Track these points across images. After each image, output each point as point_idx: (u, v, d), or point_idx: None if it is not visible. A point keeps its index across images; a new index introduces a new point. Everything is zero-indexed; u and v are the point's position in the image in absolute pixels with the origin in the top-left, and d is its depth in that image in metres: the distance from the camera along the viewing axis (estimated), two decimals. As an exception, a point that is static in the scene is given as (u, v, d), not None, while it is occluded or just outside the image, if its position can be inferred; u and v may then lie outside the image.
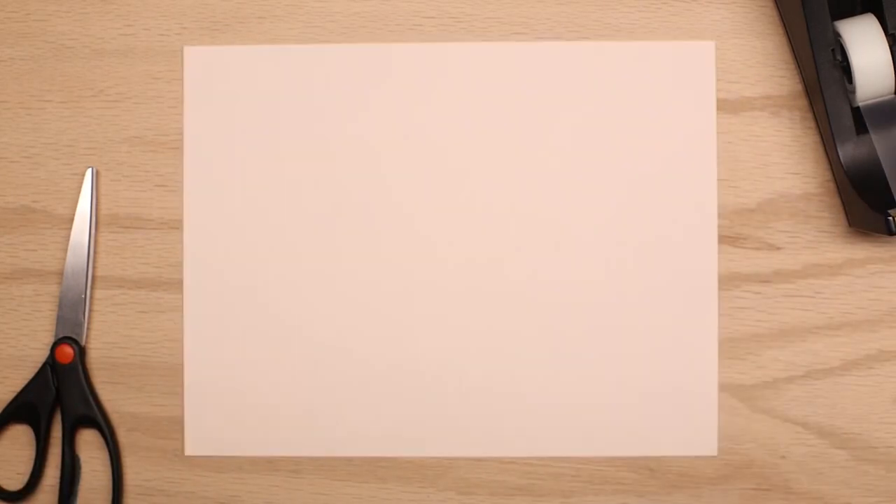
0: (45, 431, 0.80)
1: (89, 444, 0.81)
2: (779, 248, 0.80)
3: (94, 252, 0.80)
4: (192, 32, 0.81)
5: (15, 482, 0.81)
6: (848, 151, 0.76)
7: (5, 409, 0.80)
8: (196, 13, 0.81)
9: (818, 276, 0.80)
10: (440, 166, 0.80)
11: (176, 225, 0.80)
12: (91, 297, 0.80)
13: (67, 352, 0.79)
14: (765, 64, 0.80)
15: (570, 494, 0.80)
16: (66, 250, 0.80)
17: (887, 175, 0.76)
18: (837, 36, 0.76)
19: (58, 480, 0.80)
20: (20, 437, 0.81)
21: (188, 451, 0.80)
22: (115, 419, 0.80)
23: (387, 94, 0.80)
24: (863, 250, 0.80)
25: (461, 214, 0.80)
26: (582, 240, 0.80)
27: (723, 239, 0.80)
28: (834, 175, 0.79)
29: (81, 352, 0.80)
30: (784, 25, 0.79)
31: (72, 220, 0.80)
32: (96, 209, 0.80)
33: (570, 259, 0.80)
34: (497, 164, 0.80)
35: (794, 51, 0.79)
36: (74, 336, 0.80)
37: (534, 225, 0.80)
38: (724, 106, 0.80)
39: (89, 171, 0.80)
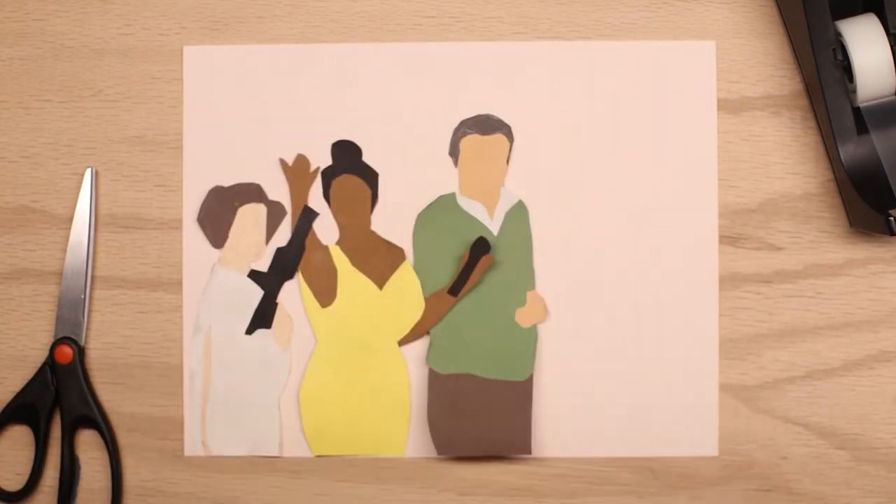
0: (45, 432, 0.80)
1: (89, 445, 0.80)
2: (779, 249, 0.80)
3: (94, 252, 0.80)
4: (191, 32, 0.81)
5: (14, 483, 0.80)
6: (849, 151, 0.76)
7: (5, 410, 0.80)
8: (196, 13, 0.81)
9: (819, 276, 0.80)
10: (440, 165, 0.80)
11: (176, 225, 0.80)
12: (90, 298, 0.80)
13: (67, 352, 0.79)
14: (765, 64, 0.80)
15: (571, 495, 0.80)
16: (65, 250, 0.80)
17: (888, 175, 0.76)
18: (838, 35, 0.76)
19: (57, 481, 0.80)
20: (20, 438, 0.81)
21: (188, 452, 0.80)
22: (115, 419, 0.80)
23: (387, 93, 0.80)
24: (864, 250, 0.80)
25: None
26: (582, 240, 0.80)
27: (723, 239, 0.80)
28: (835, 175, 0.79)
29: (81, 352, 0.80)
30: (785, 25, 0.79)
31: (71, 220, 0.80)
32: (96, 209, 0.80)
33: (569, 259, 0.80)
34: (497, 164, 0.80)
35: (794, 50, 0.79)
36: (74, 336, 0.79)
37: (533, 225, 0.80)
38: (724, 106, 0.80)
39: (88, 170, 0.80)
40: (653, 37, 0.80)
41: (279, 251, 0.80)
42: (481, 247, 0.79)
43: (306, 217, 0.80)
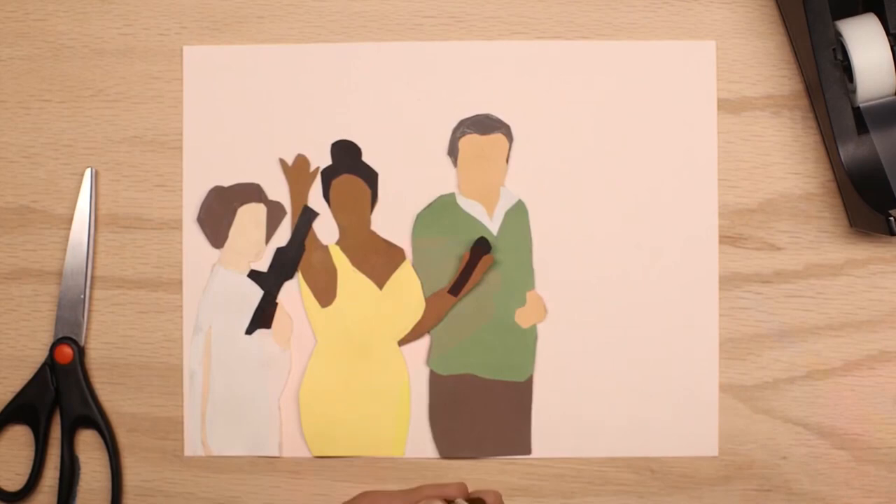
0: (45, 432, 0.80)
1: (88, 445, 0.80)
2: (780, 249, 0.80)
3: (94, 252, 0.80)
4: (191, 32, 0.81)
5: (14, 482, 0.80)
6: (849, 151, 0.76)
7: (4, 410, 0.80)
8: (196, 13, 0.81)
9: (819, 276, 0.80)
10: (439, 165, 0.80)
11: (176, 225, 0.80)
12: (90, 298, 0.80)
13: (67, 352, 0.79)
14: (766, 64, 0.80)
15: (570, 495, 0.80)
16: (65, 250, 0.80)
17: (888, 175, 0.76)
18: (838, 35, 0.76)
19: (57, 481, 0.80)
20: (19, 438, 0.81)
21: (188, 452, 0.80)
22: (115, 419, 0.80)
23: (387, 93, 0.80)
24: (864, 250, 0.80)
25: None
26: (582, 240, 0.80)
27: (723, 239, 0.80)
28: (835, 175, 0.79)
29: (80, 352, 0.80)
30: (785, 25, 0.79)
31: (71, 220, 0.80)
32: (95, 209, 0.80)
33: (569, 259, 0.80)
34: (497, 164, 0.80)
35: (795, 50, 0.79)
36: (73, 336, 0.79)
37: (532, 225, 0.80)
38: (724, 106, 0.80)
39: (88, 171, 0.80)
40: (653, 37, 0.80)
41: (279, 251, 0.80)
42: (482, 246, 0.79)
43: (306, 217, 0.80)
